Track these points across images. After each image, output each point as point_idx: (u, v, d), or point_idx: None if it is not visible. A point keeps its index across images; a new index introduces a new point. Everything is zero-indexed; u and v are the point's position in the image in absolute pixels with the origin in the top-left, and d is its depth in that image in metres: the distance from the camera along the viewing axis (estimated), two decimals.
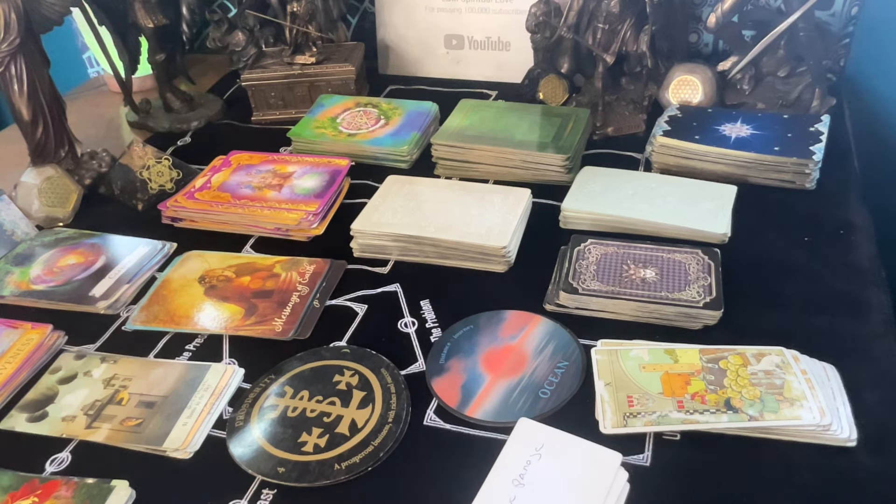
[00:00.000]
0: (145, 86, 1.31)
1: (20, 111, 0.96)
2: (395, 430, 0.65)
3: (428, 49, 1.30)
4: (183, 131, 1.21)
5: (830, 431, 0.59)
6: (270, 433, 0.65)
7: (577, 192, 0.91)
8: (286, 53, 1.19)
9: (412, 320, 0.78)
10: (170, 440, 0.66)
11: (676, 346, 0.69)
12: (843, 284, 0.76)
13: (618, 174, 0.95)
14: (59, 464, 0.65)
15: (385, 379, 0.70)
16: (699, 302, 0.72)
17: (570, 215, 0.88)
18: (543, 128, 1.01)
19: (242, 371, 0.73)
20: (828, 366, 0.66)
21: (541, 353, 0.71)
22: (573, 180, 0.93)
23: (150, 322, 0.80)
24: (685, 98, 1.08)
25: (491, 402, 0.67)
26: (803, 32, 1.01)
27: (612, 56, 1.05)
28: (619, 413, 0.63)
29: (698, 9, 1.18)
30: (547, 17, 1.09)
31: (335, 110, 1.13)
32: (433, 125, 1.10)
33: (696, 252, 0.79)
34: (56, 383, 0.73)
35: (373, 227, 0.87)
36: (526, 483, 0.57)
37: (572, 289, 0.75)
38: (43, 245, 0.93)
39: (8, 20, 0.90)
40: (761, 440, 0.61)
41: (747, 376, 0.64)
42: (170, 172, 1.02)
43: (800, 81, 1.05)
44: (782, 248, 0.82)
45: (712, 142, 0.94)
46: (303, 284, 0.83)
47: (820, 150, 0.91)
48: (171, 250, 0.91)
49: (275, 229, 0.92)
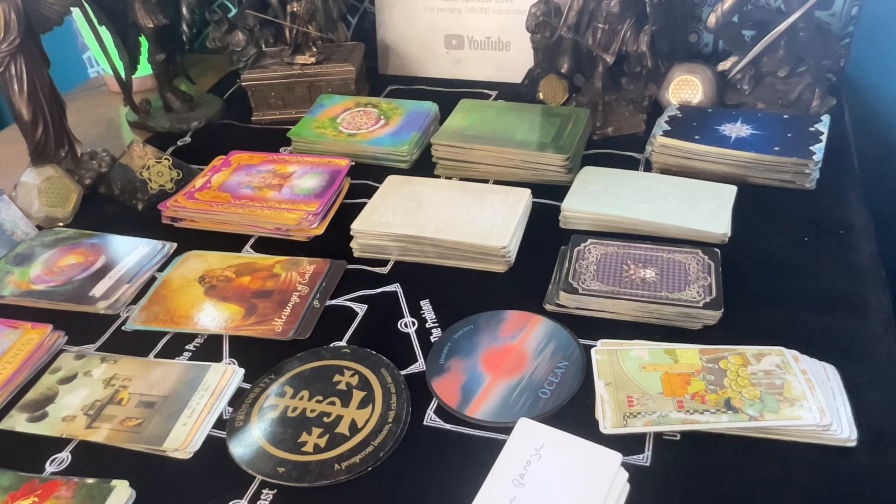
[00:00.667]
0: (145, 86, 1.31)
1: (20, 111, 0.96)
2: (395, 430, 0.65)
3: (428, 49, 1.30)
4: (183, 131, 1.21)
5: (830, 431, 0.59)
6: (270, 433, 0.65)
7: (578, 192, 0.91)
8: (286, 53, 1.19)
9: (412, 320, 0.78)
10: (170, 440, 0.66)
11: (676, 346, 0.69)
12: (843, 284, 0.76)
13: (618, 174, 0.95)
14: (59, 464, 0.65)
15: (385, 379, 0.70)
16: (699, 302, 0.72)
17: (570, 215, 0.88)
18: (543, 128, 1.01)
19: (242, 371, 0.73)
20: (828, 366, 0.66)
21: (541, 353, 0.71)
22: (573, 180, 0.93)
23: (150, 322, 0.80)
24: (685, 98, 1.08)
25: (491, 402, 0.67)
26: (803, 32, 1.01)
27: (612, 56, 1.05)
28: (619, 413, 0.63)
29: (698, 9, 1.18)
30: (547, 17, 1.09)
31: (335, 110, 1.13)
32: (433, 125, 1.10)
33: (696, 252, 0.79)
34: (56, 383, 0.73)
35: (373, 227, 0.87)
36: (526, 483, 0.57)
37: (572, 289, 0.75)
38: (43, 245, 0.93)
39: (8, 20, 0.90)
40: (761, 440, 0.61)
41: (747, 376, 0.64)
42: (170, 172, 1.02)
43: (800, 81, 1.05)
44: (782, 248, 0.82)
45: (712, 142, 0.94)
46: (303, 284, 0.83)
47: (820, 150, 0.91)
48: (171, 250, 0.91)
49: (275, 229, 0.92)
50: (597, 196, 0.90)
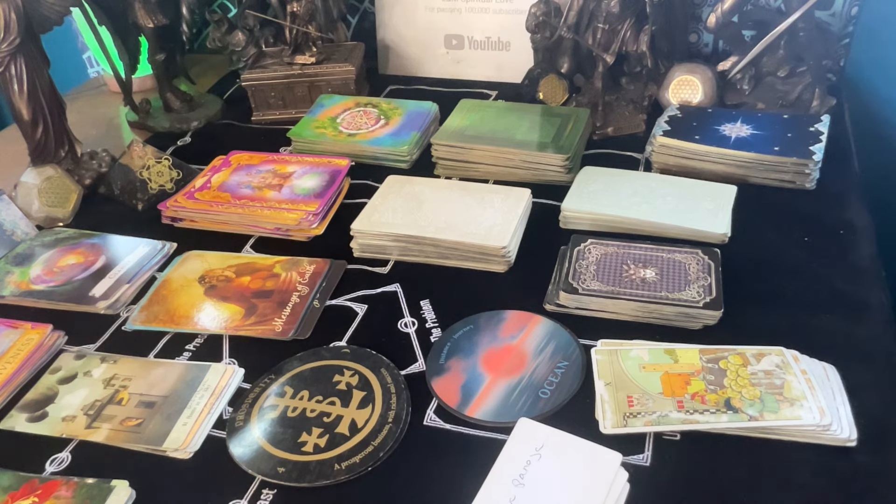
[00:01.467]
0: (145, 86, 1.31)
1: (20, 111, 0.96)
2: (395, 430, 0.65)
3: (428, 49, 1.30)
4: (183, 131, 1.21)
5: (830, 431, 0.59)
6: (270, 433, 0.65)
7: (578, 192, 0.91)
8: (286, 53, 1.19)
9: (412, 320, 0.78)
10: (170, 440, 0.66)
11: (676, 346, 0.69)
12: (843, 284, 0.76)
13: (618, 174, 0.95)
14: (59, 464, 0.65)
15: (385, 379, 0.70)
16: (699, 302, 0.72)
17: (569, 215, 0.88)
18: (543, 128, 1.01)
19: (242, 371, 0.73)
20: (828, 366, 0.66)
21: (541, 353, 0.71)
22: (573, 180, 0.93)
23: (150, 322, 0.80)
24: (685, 98, 1.08)
25: (491, 402, 0.67)
26: (803, 32, 1.01)
27: (612, 56, 1.05)
28: (619, 413, 0.63)
29: (698, 9, 1.18)
30: (547, 17, 1.09)
31: (335, 110, 1.13)
32: (433, 125, 1.10)
33: (696, 252, 0.79)
34: (56, 383, 0.73)
35: (373, 227, 0.87)
36: (526, 483, 0.57)
37: (572, 289, 0.75)
38: (43, 245, 0.93)
39: (8, 20, 0.90)
40: (761, 440, 0.61)
41: (747, 376, 0.64)
42: (170, 172, 1.02)
43: (800, 81, 1.05)
44: (782, 248, 0.82)
45: (712, 142, 0.94)
46: (303, 284, 0.83)
47: (820, 150, 0.91)
48: (171, 250, 0.91)
49: (275, 229, 0.92)
50: (596, 196, 0.90)
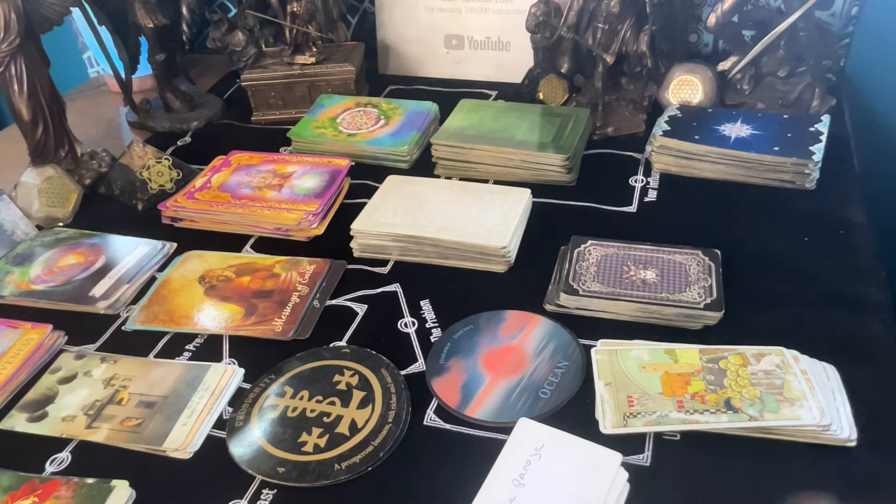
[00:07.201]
0: (145, 86, 1.31)
1: (20, 111, 0.96)
2: (395, 430, 0.65)
3: (428, 49, 1.30)
4: (183, 131, 1.21)
5: (830, 431, 0.59)
6: (270, 433, 0.65)
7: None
8: (286, 53, 1.19)
9: (412, 320, 0.78)
10: (170, 440, 0.66)
11: (676, 346, 0.69)
12: (843, 284, 0.76)
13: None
14: (59, 464, 0.65)
15: (385, 379, 0.70)
16: (700, 303, 0.72)
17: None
18: (543, 128, 1.01)
19: (242, 371, 0.73)
20: (828, 366, 0.66)
21: (541, 353, 0.71)
22: (573, 180, 0.93)
23: (150, 322, 0.80)
24: (685, 98, 1.08)
25: (491, 402, 0.67)
26: (803, 32, 1.01)
27: (612, 56, 1.05)
28: (619, 413, 0.63)
29: (698, 9, 1.18)
30: (547, 17, 1.09)
31: (335, 110, 1.13)
32: (433, 125, 1.10)
33: (697, 253, 0.79)
34: (56, 383, 0.73)
35: (373, 227, 0.87)
36: (526, 483, 0.57)
37: (573, 290, 0.75)
38: (43, 245, 0.93)
39: (8, 20, 0.90)
40: (761, 440, 0.61)
41: (747, 376, 0.64)
42: (170, 172, 1.02)
43: (800, 81, 1.05)
44: (782, 248, 0.82)
45: (712, 142, 0.94)
46: (303, 284, 0.83)
47: (820, 150, 0.91)
48: (171, 250, 0.91)
49: (275, 229, 0.92)
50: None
